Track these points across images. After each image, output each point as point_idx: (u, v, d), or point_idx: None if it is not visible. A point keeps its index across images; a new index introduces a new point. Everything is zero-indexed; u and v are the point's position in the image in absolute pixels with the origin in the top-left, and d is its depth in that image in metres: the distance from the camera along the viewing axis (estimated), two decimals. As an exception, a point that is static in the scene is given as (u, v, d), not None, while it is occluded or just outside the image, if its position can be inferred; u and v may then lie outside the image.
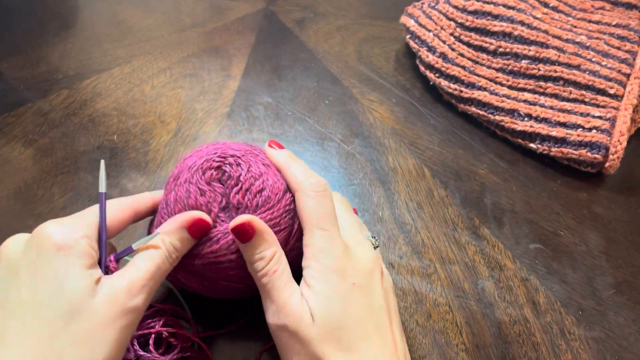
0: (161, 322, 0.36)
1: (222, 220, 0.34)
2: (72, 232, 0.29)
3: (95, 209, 0.32)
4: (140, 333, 0.35)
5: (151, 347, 0.35)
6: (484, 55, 0.55)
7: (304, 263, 0.33)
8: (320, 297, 0.31)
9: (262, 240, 0.33)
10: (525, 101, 0.52)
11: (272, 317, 0.32)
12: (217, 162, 0.36)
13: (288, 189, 0.36)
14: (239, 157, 0.36)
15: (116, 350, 0.28)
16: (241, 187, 0.35)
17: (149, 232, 0.38)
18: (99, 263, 0.31)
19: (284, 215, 0.35)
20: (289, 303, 0.31)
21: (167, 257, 0.32)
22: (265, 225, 0.33)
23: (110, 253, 0.32)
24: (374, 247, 0.35)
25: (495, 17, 0.54)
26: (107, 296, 0.28)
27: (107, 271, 0.31)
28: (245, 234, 0.32)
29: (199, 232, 0.33)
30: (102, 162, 0.34)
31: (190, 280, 0.36)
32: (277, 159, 0.37)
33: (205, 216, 0.34)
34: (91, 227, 0.31)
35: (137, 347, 0.35)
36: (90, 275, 0.28)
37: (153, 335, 0.35)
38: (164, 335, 0.36)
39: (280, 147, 0.38)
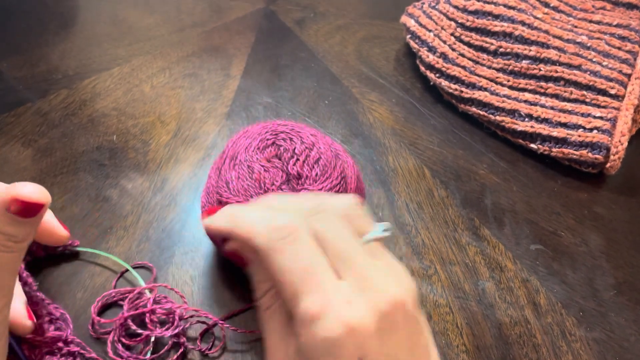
0: (151, 300, 0.36)
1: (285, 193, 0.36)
2: None
3: None
4: (132, 314, 0.36)
5: (149, 325, 0.35)
6: (485, 56, 0.54)
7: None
8: None
9: (256, 269, 0.28)
10: (526, 101, 0.52)
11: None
12: (271, 139, 0.38)
13: (338, 156, 0.38)
14: (289, 132, 0.39)
15: None
16: (298, 159, 0.37)
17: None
18: None
19: (341, 182, 0.37)
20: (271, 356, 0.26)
21: (4, 248, 0.26)
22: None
23: None
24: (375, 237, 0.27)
25: (496, 17, 0.54)
26: None
27: None
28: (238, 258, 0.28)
29: (26, 211, 0.26)
30: None
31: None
32: (219, 225, 0.28)
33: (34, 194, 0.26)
34: None
35: (135, 327, 0.35)
36: None
37: (148, 315, 0.36)
38: (156, 312, 0.36)
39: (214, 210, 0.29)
